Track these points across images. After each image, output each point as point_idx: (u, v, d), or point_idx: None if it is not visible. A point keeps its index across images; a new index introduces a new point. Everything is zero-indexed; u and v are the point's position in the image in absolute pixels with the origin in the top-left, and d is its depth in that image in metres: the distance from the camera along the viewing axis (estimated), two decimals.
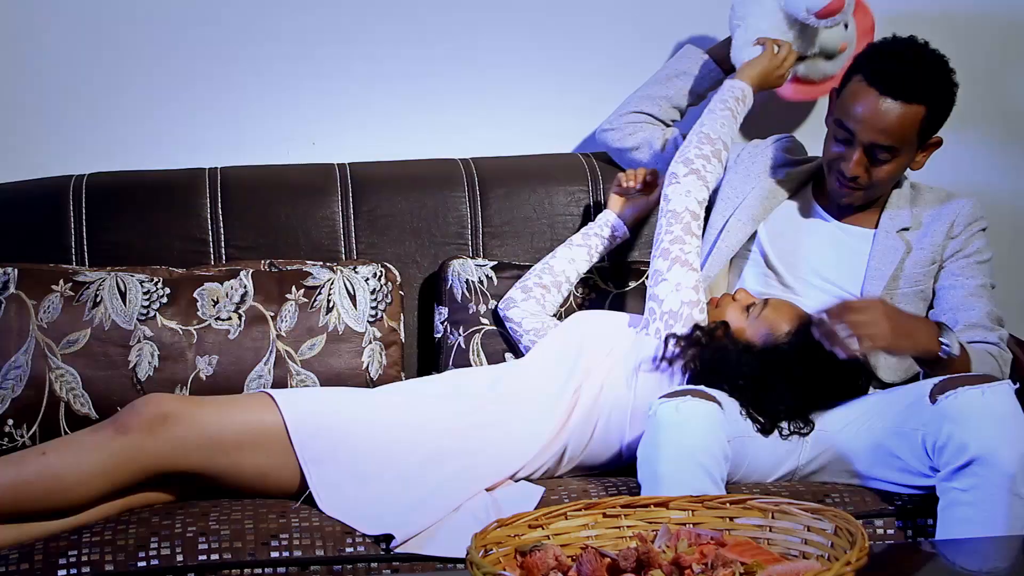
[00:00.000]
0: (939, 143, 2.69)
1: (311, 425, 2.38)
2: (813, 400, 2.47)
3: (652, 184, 2.88)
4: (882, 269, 2.67)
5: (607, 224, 2.88)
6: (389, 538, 2.26)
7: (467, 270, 2.86)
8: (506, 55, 3.14)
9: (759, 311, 2.57)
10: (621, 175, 2.90)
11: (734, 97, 2.81)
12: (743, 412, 2.41)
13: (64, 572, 2.19)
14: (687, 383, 2.46)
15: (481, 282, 2.86)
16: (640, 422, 2.43)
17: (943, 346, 2.42)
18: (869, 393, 2.56)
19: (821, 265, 2.72)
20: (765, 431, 2.42)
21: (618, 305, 2.87)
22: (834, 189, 2.69)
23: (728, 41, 2.98)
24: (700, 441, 2.26)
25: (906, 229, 2.70)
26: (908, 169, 2.70)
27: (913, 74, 2.58)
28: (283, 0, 3.07)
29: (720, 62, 3.00)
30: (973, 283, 2.67)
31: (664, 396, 2.33)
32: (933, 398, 2.30)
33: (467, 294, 2.85)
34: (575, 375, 2.55)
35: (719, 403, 2.32)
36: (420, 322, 2.93)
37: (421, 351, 2.92)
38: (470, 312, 2.83)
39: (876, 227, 2.72)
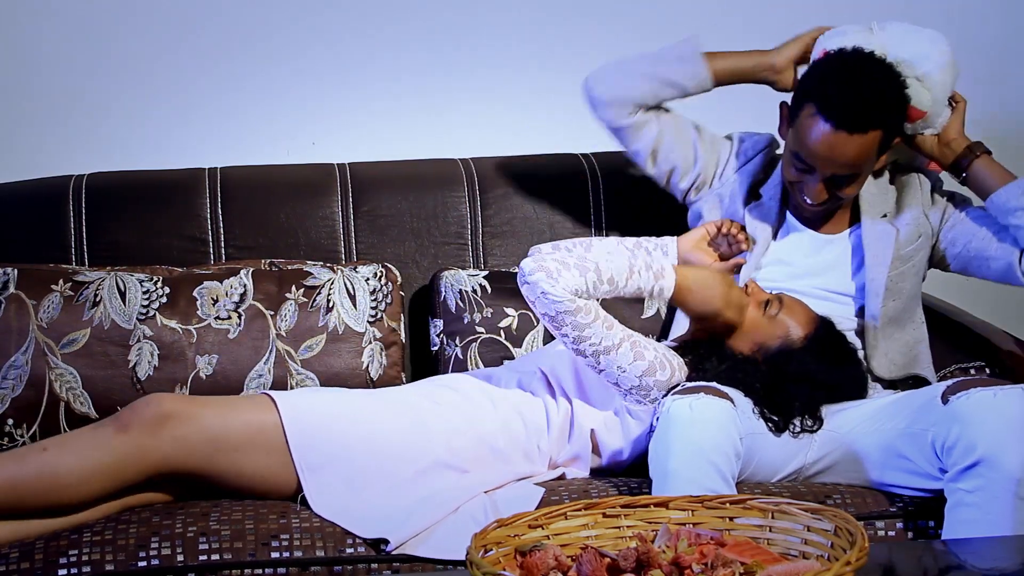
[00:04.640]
0: (898, 143, 2.64)
1: (310, 431, 2.37)
2: (822, 396, 2.46)
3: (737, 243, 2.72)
4: (883, 255, 2.63)
5: (660, 248, 2.71)
6: (385, 542, 2.26)
7: (459, 280, 2.85)
8: (505, 55, 3.14)
9: (776, 310, 2.52)
10: (711, 226, 2.72)
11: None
12: (755, 411, 2.40)
13: (64, 571, 2.19)
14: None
15: (475, 291, 2.84)
16: (643, 436, 2.44)
17: None
18: (875, 395, 2.55)
19: (812, 275, 2.68)
20: (778, 429, 2.41)
21: (611, 308, 2.85)
22: (800, 205, 2.66)
23: (728, 55, 2.74)
24: (712, 439, 2.25)
25: (885, 216, 2.68)
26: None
27: (865, 103, 2.49)
28: (283, 1, 3.07)
29: (717, 76, 2.73)
30: (982, 224, 2.64)
31: (677, 392, 2.32)
32: (945, 399, 2.30)
33: (460, 304, 2.83)
34: (571, 393, 2.54)
35: (732, 401, 2.31)
36: (411, 330, 2.91)
37: (413, 361, 2.90)
38: (465, 322, 2.82)
39: (849, 225, 2.69)
